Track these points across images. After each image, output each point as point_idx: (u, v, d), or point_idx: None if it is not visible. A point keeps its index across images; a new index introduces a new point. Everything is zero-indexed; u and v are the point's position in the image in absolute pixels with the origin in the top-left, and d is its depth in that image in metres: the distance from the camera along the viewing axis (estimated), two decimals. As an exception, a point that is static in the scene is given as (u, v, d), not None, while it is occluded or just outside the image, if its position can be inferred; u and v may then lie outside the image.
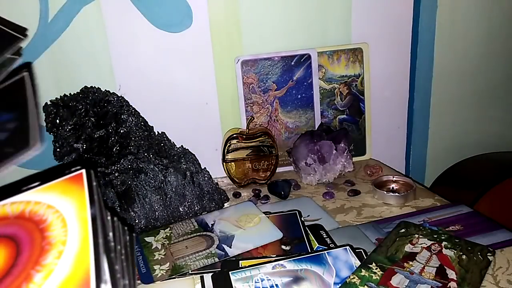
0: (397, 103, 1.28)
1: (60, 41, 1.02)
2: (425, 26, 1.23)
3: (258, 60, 1.13)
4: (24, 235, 0.50)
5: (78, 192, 0.54)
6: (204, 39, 1.10)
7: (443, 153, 1.38)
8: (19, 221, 0.52)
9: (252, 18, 1.11)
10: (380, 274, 0.68)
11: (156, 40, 1.07)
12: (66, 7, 1.00)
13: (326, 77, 1.17)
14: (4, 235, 0.51)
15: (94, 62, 1.06)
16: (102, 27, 1.03)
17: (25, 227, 0.51)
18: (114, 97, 1.02)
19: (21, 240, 0.50)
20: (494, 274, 0.70)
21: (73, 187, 0.55)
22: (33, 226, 0.51)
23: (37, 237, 0.49)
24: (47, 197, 0.55)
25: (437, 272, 0.69)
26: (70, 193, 0.54)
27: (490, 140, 1.40)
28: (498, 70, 1.34)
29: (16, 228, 0.52)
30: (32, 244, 0.49)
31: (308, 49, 1.15)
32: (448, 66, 1.29)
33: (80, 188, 0.55)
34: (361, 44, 1.18)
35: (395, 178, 1.05)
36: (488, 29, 1.29)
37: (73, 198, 0.53)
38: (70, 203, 0.53)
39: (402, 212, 0.93)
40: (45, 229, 0.50)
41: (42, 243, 0.48)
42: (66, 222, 0.50)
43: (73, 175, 0.57)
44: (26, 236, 0.50)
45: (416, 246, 0.75)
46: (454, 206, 0.93)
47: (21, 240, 0.50)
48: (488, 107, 1.38)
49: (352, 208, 0.96)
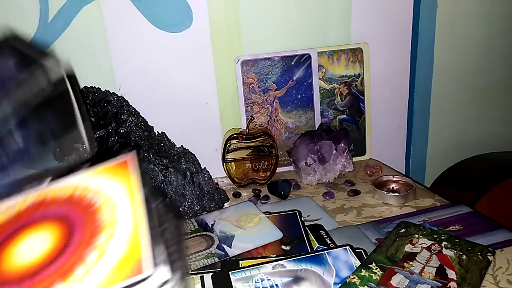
0: (397, 103, 1.28)
1: (60, 41, 1.01)
2: (425, 26, 1.23)
3: (258, 60, 1.13)
4: (75, 217, 0.51)
5: (127, 175, 0.56)
6: (204, 39, 1.10)
7: (443, 153, 1.38)
8: (69, 205, 0.54)
9: (252, 18, 1.11)
10: (380, 274, 0.68)
11: (156, 40, 1.07)
12: (66, 7, 0.99)
13: (326, 77, 1.17)
14: (57, 216, 0.53)
15: (94, 62, 1.06)
16: (102, 27, 1.03)
17: (76, 210, 0.53)
18: (114, 97, 1.02)
19: (73, 221, 0.51)
20: (494, 274, 0.70)
21: (122, 170, 0.57)
22: (83, 210, 0.52)
23: (87, 220, 0.50)
24: (95, 181, 0.57)
25: (437, 272, 0.69)
26: (119, 176, 0.56)
27: (490, 140, 1.40)
28: (498, 70, 1.34)
29: (67, 210, 0.53)
30: (83, 226, 0.50)
31: (308, 49, 1.15)
32: (448, 66, 1.29)
33: (129, 171, 0.56)
34: (361, 44, 1.17)
35: (395, 178, 1.04)
36: (488, 29, 1.29)
37: (122, 181, 0.55)
38: (119, 186, 0.54)
39: (402, 212, 0.93)
40: (94, 212, 0.51)
41: (93, 225, 0.49)
42: (115, 205, 0.51)
43: (121, 158, 0.59)
44: (77, 218, 0.51)
45: (416, 246, 0.75)
46: (454, 206, 0.93)
47: (73, 222, 0.51)
48: (488, 107, 1.38)
49: (352, 208, 0.96)
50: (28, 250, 0.49)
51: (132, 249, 0.44)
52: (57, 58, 0.68)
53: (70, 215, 0.52)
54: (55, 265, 0.45)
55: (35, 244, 0.49)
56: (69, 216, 0.52)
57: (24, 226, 0.53)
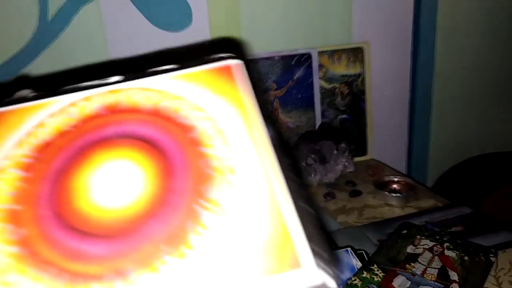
0: (398, 103, 1.28)
1: (60, 40, 1.01)
2: (426, 25, 1.22)
3: (258, 59, 1.12)
4: (172, 145, 0.34)
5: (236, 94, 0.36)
6: (204, 38, 1.09)
7: (444, 153, 1.37)
8: (158, 121, 0.36)
9: (252, 17, 1.10)
10: (382, 275, 0.68)
11: (155, 39, 1.06)
12: (66, 6, 0.99)
13: (327, 77, 1.17)
14: (143, 138, 0.35)
15: (93, 61, 1.05)
16: (101, 27, 1.03)
17: (170, 131, 0.35)
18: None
19: (169, 152, 0.33)
20: (497, 276, 0.70)
21: (228, 85, 0.37)
22: (181, 134, 0.35)
23: (191, 153, 0.33)
24: (191, 92, 0.37)
25: (439, 274, 0.68)
26: (224, 93, 0.36)
27: (492, 140, 1.40)
28: (500, 69, 1.34)
29: (157, 130, 0.35)
30: (184, 162, 0.33)
31: (308, 49, 1.14)
32: (449, 65, 1.29)
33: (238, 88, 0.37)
34: (361, 44, 1.17)
35: (397, 179, 1.04)
36: (489, 27, 1.28)
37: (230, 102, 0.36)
38: (226, 108, 0.35)
39: (403, 213, 0.92)
40: (200, 142, 0.34)
41: (199, 163, 0.32)
42: (227, 137, 0.34)
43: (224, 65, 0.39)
44: (175, 147, 0.34)
45: (418, 248, 0.75)
46: (456, 207, 0.92)
47: (170, 153, 0.33)
48: (490, 106, 1.37)
49: (353, 209, 0.96)
50: (111, 186, 0.32)
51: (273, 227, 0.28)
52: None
53: (162, 139, 0.34)
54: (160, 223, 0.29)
55: (120, 177, 0.33)
56: (161, 141, 0.34)
57: (94, 144, 0.35)
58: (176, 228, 0.29)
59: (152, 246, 0.28)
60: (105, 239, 0.29)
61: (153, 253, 0.28)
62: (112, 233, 0.30)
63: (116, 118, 0.37)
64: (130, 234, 0.29)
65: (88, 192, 0.32)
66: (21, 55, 0.97)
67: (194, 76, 0.39)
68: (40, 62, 1.00)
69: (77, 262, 0.28)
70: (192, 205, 0.30)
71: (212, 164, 0.32)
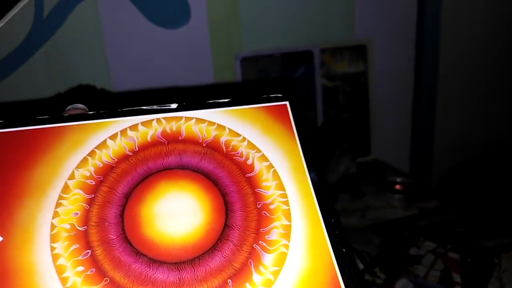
0: (402, 102, 1.28)
1: (56, 37, 1.01)
2: (430, 22, 1.22)
3: (259, 56, 1.11)
4: (228, 181, 0.35)
5: (288, 135, 0.37)
6: (203, 36, 1.09)
7: (449, 153, 1.37)
8: (216, 155, 0.37)
9: (252, 13, 1.10)
10: (384, 277, 0.68)
11: (153, 36, 1.06)
12: (62, 3, 0.99)
13: (329, 75, 1.16)
14: (202, 171, 0.36)
15: (89, 59, 1.05)
16: (98, 24, 1.03)
17: (226, 167, 0.36)
18: (110, 95, 1.01)
19: (226, 188, 0.35)
20: (500, 277, 0.70)
21: (280, 126, 0.38)
22: (237, 171, 0.35)
23: (246, 192, 0.34)
24: (246, 129, 0.38)
25: (442, 276, 0.68)
26: (276, 134, 0.37)
27: (497, 139, 1.39)
28: (505, 67, 1.34)
29: (215, 164, 0.36)
30: (243, 202, 0.34)
31: (310, 46, 1.14)
32: (454, 63, 1.28)
33: (290, 130, 0.38)
34: (365, 41, 1.17)
35: (400, 179, 1.04)
36: (494, 24, 1.28)
37: (282, 143, 0.37)
38: (279, 149, 0.37)
39: (406, 214, 0.92)
40: (254, 181, 0.35)
41: (258, 204, 0.34)
42: (283, 182, 0.35)
43: (278, 105, 0.40)
44: (231, 183, 0.35)
45: (421, 249, 0.75)
46: (459, 208, 0.92)
47: (227, 189, 0.35)
48: (495, 104, 1.37)
49: (355, 210, 0.96)
50: (174, 216, 0.34)
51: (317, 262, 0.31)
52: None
53: (219, 173, 0.35)
54: (224, 258, 0.32)
55: (181, 208, 0.34)
56: (218, 176, 0.35)
57: (157, 173, 0.36)
58: (240, 265, 0.31)
59: (219, 280, 0.30)
60: (173, 266, 0.31)
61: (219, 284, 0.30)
62: (180, 261, 0.32)
63: (176, 148, 0.38)
64: (194, 264, 0.31)
65: (154, 220, 0.34)
66: (16, 53, 0.97)
67: (250, 113, 0.39)
68: (36, 60, 1.00)
69: (146, 286, 0.30)
70: (253, 245, 0.31)
71: (270, 207, 0.33)
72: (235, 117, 0.39)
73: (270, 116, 0.39)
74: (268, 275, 0.30)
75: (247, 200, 0.34)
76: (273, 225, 0.32)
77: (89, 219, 0.34)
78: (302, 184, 0.34)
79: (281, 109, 0.39)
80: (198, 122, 0.39)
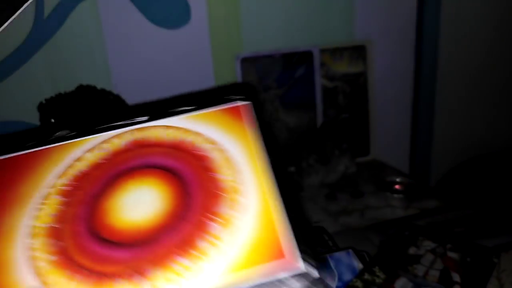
0: (401, 102, 1.28)
1: (56, 37, 1.01)
2: (430, 23, 1.22)
3: (259, 57, 1.12)
4: (186, 172, 0.42)
5: (242, 129, 0.45)
6: (203, 36, 1.09)
7: (448, 152, 1.37)
8: (177, 153, 0.44)
9: (252, 14, 1.10)
10: (384, 277, 0.68)
11: (153, 36, 1.06)
12: (62, 3, 0.99)
13: (329, 75, 1.16)
14: (164, 167, 0.43)
15: (89, 59, 1.05)
16: (98, 24, 1.03)
17: (187, 161, 0.43)
18: (110, 96, 1.01)
19: (184, 177, 0.42)
20: (499, 277, 0.69)
21: (235, 122, 0.46)
22: (196, 163, 0.43)
23: (202, 178, 0.42)
24: (205, 128, 0.46)
25: (441, 275, 0.68)
26: (232, 129, 0.45)
27: (496, 139, 1.40)
28: (504, 67, 1.34)
29: (176, 160, 0.44)
30: (199, 186, 0.41)
31: (310, 46, 1.14)
32: (453, 63, 1.28)
33: (244, 124, 0.46)
34: (364, 41, 1.17)
35: (399, 179, 1.04)
36: (493, 25, 1.28)
37: (237, 135, 0.45)
38: (233, 140, 0.44)
39: (406, 214, 0.92)
40: (211, 169, 0.42)
41: (210, 186, 0.41)
42: (234, 164, 0.42)
43: (233, 106, 0.48)
44: (189, 173, 0.42)
45: (420, 249, 0.75)
46: (458, 207, 0.92)
47: (185, 177, 0.42)
48: (494, 105, 1.37)
49: (355, 210, 0.96)
50: (137, 206, 0.41)
51: (264, 228, 0.37)
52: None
53: (180, 167, 0.43)
54: (174, 233, 0.38)
55: (143, 199, 0.41)
56: (179, 169, 0.43)
57: (124, 174, 0.44)
58: (188, 236, 0.38)
59: (166, 250, 0.37)
60: (129, 246, 0.38)
61: (167, 255, 0.37)
62: (135, 241, 0.38)
63: (142, 151, 0.46)
64: (149, 242, 0.38)
65: (118, 211, 0.41)
66: (17, 53, 0.97)
67: (209, 116, 0.47)
68: (37, 60, 1.00)
69: (104, 265, 0.37)
70: (202, 218, 0.38)
71: (221, 186, 0.41)
72: (198, 120, 0.47)
73: (230, 116, 0.47)
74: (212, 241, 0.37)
75: (202, 184, 0.41)
76: (223, 201, 0.40)
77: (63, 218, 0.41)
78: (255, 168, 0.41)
79: (239, 110, 0.47)
80: (165, 128, 0.47)
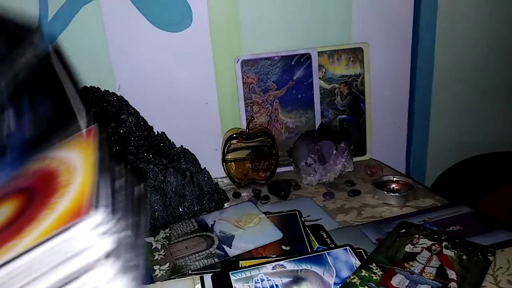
0: (397, 103, 1.28)
1: (60, 41, 1.01)
2: (426, 26, 1.22)
3: (258, 59, 1.12)
4: (37, 187, 0.53)
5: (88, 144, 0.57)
6: (204, 39, 1.09)
7: (443, 152, 1.37)
8: (35, 176, 0.56)
9: (252, 17, 1.11)
10: (380, 274, 0.68)
11: (156, 39, 1.07)
12: (66, 6, 0.99)
13: (327, 77, 1.17)
14: (21, 189, 0.55)
15: (93, 61, 1.05)
16: (101, 27, 1.03)
17: (39, 180, 0.54)
18: (114, 97, 1.02)
19: (34, 190, 0.53)
20: (495, 274, 0.70)
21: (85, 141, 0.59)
22: (45, 179, 0.54)
23: (47, 186, 0.52)
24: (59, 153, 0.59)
25: (437, 272, 0.69)
26: (81, 146, 0.58)
27: (491, 139, 1.40)
28: (500, 69, 1.34)
29: (32, 182, 0.55)
30: (42, 193, 0.51)
31: (308, 49, 1.14)
32: (448, 66, 1.29)
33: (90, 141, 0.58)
34: (361, 44, 1.17)
35: (396, 178, 1.04)
36: (489, 28, 1.28)
37: (83, 150, 0.57)
38: (79, 153, 0.56)
39: (402, 212, 0.93)
40: (54, 178, 0.52)
41: (50, 189, 0.50)
42: (73, 169, 0.53)
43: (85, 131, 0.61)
44: (39, 187, 0.53)
45: (417, 246, 0.75)
46: (454, 206, 0.93)
47: (35, 190, 0.53)
48: (489, 106, 1.38)
49: (352, 208, 0.96)
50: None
51: (75, 200, 0.46)
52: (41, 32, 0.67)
53: (34, 185, 0.54)
54: (12, 227, 0.47)
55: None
56: (32, 187, 0.54)
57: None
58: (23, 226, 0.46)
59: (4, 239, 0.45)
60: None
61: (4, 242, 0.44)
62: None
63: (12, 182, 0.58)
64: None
65: None
66: (21, 55, 0.97)
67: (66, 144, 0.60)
68: (41, 62, 1.01)
69: None
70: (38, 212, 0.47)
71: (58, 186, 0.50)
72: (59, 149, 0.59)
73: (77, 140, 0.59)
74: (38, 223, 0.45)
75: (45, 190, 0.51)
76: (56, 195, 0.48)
77: None
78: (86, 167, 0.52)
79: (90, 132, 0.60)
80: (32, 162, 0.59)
